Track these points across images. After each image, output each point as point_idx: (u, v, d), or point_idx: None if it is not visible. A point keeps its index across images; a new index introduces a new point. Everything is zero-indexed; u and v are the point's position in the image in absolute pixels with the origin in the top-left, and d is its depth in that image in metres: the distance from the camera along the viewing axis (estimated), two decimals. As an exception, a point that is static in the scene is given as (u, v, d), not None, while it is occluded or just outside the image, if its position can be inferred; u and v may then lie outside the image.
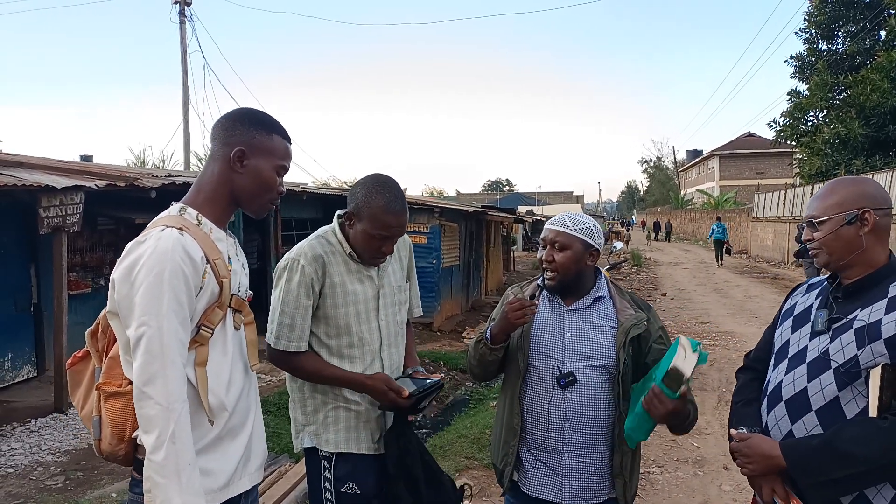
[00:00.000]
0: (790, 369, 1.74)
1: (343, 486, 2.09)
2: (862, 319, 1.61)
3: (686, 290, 15.76)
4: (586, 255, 2.09)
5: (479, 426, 5.77)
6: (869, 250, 1.66)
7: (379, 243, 2.09)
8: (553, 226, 2.12)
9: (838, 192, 1.70)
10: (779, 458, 1.63)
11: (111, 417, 1.55)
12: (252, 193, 1.69)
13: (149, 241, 1.51)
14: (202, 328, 1.56)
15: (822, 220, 1.70)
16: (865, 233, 1.65)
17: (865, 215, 1.65)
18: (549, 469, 2.07)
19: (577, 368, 2.05)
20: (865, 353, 1.57)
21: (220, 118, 1.72)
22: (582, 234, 2.08)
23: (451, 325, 12.59)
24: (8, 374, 7.13)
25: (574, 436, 2.04)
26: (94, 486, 4.72)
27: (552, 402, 2.05)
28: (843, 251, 1.68)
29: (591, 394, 2.05)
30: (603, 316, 2.12)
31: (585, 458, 2.06)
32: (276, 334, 2.06)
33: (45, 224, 5.99)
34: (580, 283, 2.13)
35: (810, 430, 1.64)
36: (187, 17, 17.72)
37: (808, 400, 1.65)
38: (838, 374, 1.61)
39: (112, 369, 1.59)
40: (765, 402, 1.81)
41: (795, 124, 21.57)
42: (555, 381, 2.05)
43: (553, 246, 2.08)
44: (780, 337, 1.86)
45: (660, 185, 72.03)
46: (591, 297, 2.13)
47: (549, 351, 2.09)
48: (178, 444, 1.43)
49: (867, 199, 1.67)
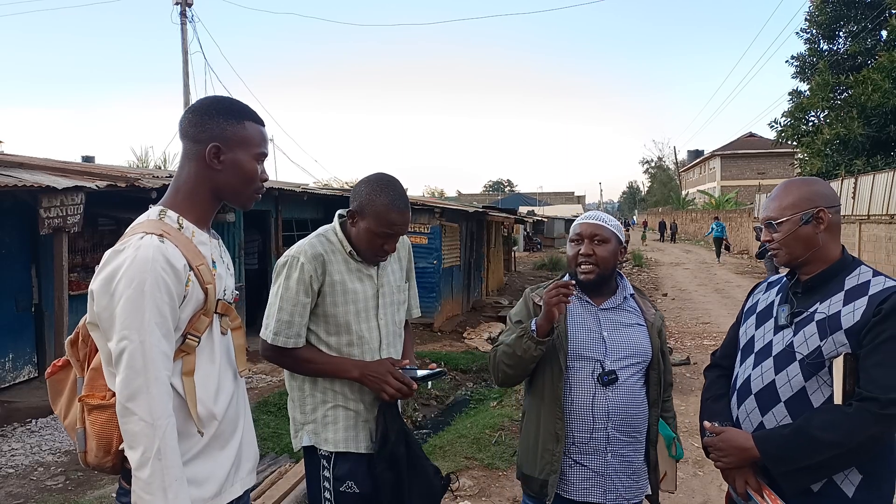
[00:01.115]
0: (757, 363, 1.82)
1: (342, 486, 2.09)
2: (822, 312, 1.71)
3: (687, 290, 15.75)
4: (619, 250, 2.13)
5: (479, 426, 5.77)
6: (824, 247, 1.76)
7: (382, 241, 2.10)
8: (590, 220, 2.13)
9: (793, 193, 1.79)
10: (753, 450, 1.71)
11: (96, 430, 1.49)
12: (235, 188, 1.61)
13: (128, 249, 1.43)
14: (188, 337, 1.51)
15: (780, 222, 1.78)
16: (821, 230, 1.75)
17: (820, 214, 1.74)
18: (590, 471, 2.06)
19: (619, 367, 2.07)
20: (828, 344, 1.66)
21: (186, 112, 1.61)
22: (616, 230, 2.13)
23: (452, 326, 12.59)
24: (9, 375, 7.14)
25: (616, 434, 2.06)
26: (95, 487, 4.73)
27: (595, 402, 2.05)
28: (802, 249, 1.77)
29: (630, 391, 2.07)
30: (633, 315, 2.16)
31: (627, 457, 2.08)
32: (274, 330, 2.06)
33: (45, 224, 6.00)
34: (612, 279, 2.16)
35: (780, 421, 1.72)
36: (188, 17, 17.75)
37: (777, 392, 1.74)
38: (804, 365, 1.70)
39: (95, 381, 1.53)
40: (734, 395, 1.89)
41: (796, 124, 21.52)
42: (596, 380, 2.05)
43: (592, 240, 2.09)
44: (744, 333, 1.95)
45: (661, 185, 72.00)
46: (620, 296, 2.16)
47: (589, 351, 2.08)
48: (164, 460, 1.39)
49: (820, 198, 1.77)
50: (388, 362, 2.11)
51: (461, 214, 13.92)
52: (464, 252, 14.36)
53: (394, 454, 2.07)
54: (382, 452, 2.07)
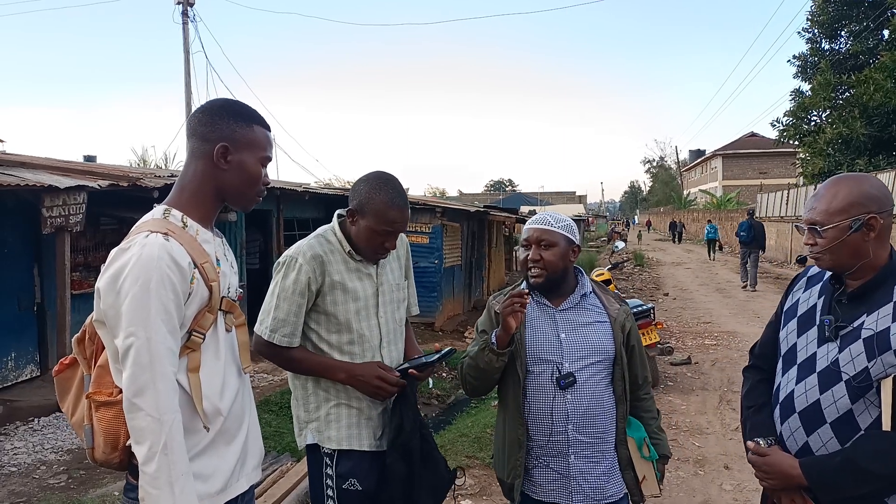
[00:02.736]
0: (801, 378, 1.73)
1: (345, 483, 2.10)
2: (869, 328, 1.59)
3: (688, 289, 15.73)
4: (570, 251, 2.11)
5: (480, 425, 5.78)
6: (873, 255, 1.63)
7: (382, 239, 2.11)
8: (536, 224, 2.13)
9: (842, 196, 1.63)
10: (799, 478, 1.65)
11: (103, 427, 1.52)
12: (239, 189, 1.65)
13: (133, 247, 1.46)
14: (193, 333, 1.53)
15: (826, 228, 1.63)
16: (871, 238, 1.61)
17: (871, 221, 1.60)
18: (556, 473, 2.07)
19: (577, 368, 2.05)
20: (876, 365, 1.56)
21: (196, 112, 1.66)
22: (565, 231, 2.10)
23: (453, 325, 12.60)
24: (11, 374, 7.16)
25: (578, 436, 2.04)
26: (97, 485, 4.74)
27: (554, 405, 2.05)
28: (849, 258, 1.64)
29: (591, 392, 2.06)
30: (593, 312, 2.14)
31: (592, 458, 2.06)
32: (270, 328, 2.08)
33: (48, 224, 6.01)
34: (565, 281, 2.15)
35: (826, 442, 1.64)
36: (190, 17, 17.76)
37: (822, 412, 1.65)
38: (850, 386, 1.59)
39: (102, 378, 1.55)
40: (777, 410, 1.80)
41: (798, 124, 21.49)
42: (555, 383, 2.04)
43: (539, 245, 2.09)
44: (785, 339, 1.84)
45: (663, 185, 71.91)
46: (577, 295, 2.15)
47: (546, 354, 2.08)
48: (171, 454, 1.41)
49: (873, 202, 1.61)
50: (376, 365, 2.12)
51: (462, 214, 13.92)
52: (465, 251, 14.37)
53: (407, 446, 2.09)
54: (396, 443, 2.09)
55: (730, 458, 4.87)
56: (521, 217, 19.73)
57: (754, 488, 4.11)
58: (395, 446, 2.09)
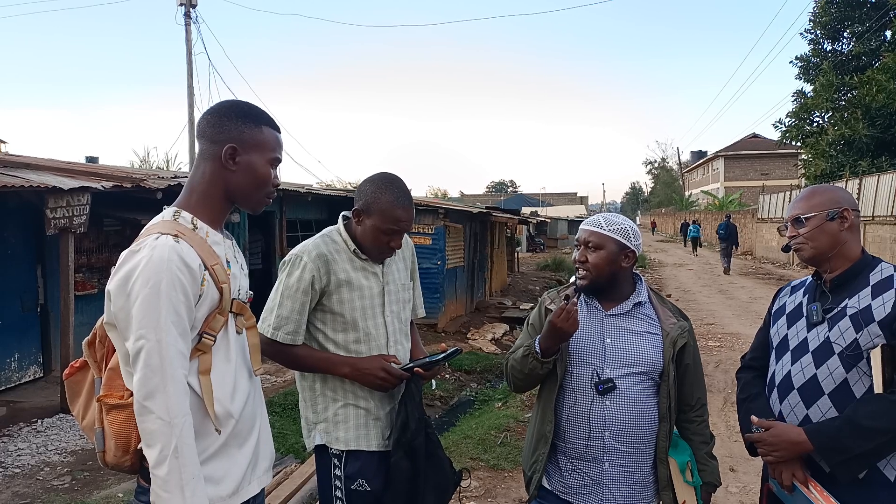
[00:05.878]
0: (795, 360, 1.90)
1: (353, 484, 2.10)
2: (853, 306, 1.82)
3: (691, 291, 15.72)
4: (621, 256, 2.04)
5: (484, 427, 5.76)
6: (847, 245, 1.89)
7: (388, 238, 2.12)
8: (587, 226, 2.10)
9: (819, 195, 1.94)
10: (805, 443, 1.79)
11: (115, 430, 1.51)
12: (248, 190, 1.63)
13: (143, 250, 1.45)
14: (204, 336, 1.52)
15: (808, 217, 1.90)
16: (845, 229, 1.88)
17: (844, 213, 1.88)
18: (588, 478, 2.03)
19: (618, 375, 2.01)
20: (864, 336, 1.77)
21: (205, 114, 1.64)
22: (616, 235, 2.04)
23: (456, 326, 12.59)
24: (14, 375, 7.16)
25: (615, 444, 2.00)
26: (101, 487, 4.74)
27: (591, 409, 2.01)
28: (827, 244, 1.89)
29: (632, 402, 2.00)
30: (644, 322, 2.08)
31: (627, 468, 2.02)
32: (273, 326, 2.08)
33: (51, 225, 6.02)
34: (616, 285, 2.08)
35: (826, 412, 1.80)
36: (193, 18, 17.76)
37: (819, 385, 1.83)
38: (843, 357, 1.79)
39: (113, 381, 1.54)
40: (775, 392, 1.95)
41: (801, 125, 21.48)
42: (593, 387, 2.01)
43: (586, 246, 2.06)
44: (777, 333, 2.03)
45: (664, 186, 71.89)
46: (630, 303, 2.08)
47: (587, 357, 2.04)
48: (182, 457, 1.40)
49: (844, 200, 1.91)
50: (381, 358, 2.12)
51: (465, 215, 13.91)
52: (467, 253, 14.36)
53: (412, 444, 2.09)
54: (401, 441, 2.08)
55: (735, 460, 4.85)
56: (523, 218, 19.71)
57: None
58: (400, 444, 2.09)
